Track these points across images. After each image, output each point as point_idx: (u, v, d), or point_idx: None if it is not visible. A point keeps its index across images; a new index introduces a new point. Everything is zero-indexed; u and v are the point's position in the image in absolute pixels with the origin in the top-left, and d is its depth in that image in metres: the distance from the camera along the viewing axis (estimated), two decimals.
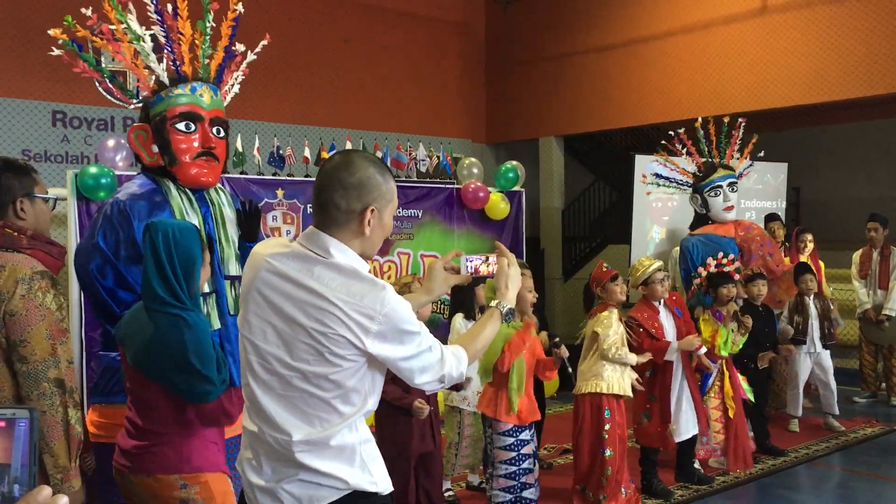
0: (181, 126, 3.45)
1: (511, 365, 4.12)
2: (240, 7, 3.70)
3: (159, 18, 3.49)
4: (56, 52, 3.50)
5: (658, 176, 7.30)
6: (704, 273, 5.82)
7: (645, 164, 9.46)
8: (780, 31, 9.64)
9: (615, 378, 4.75)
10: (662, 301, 5.24)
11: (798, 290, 6.66)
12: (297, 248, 2.03)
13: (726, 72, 10.20)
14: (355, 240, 2.04)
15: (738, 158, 7.16)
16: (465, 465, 5.26)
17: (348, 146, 7.48)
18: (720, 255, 5.95)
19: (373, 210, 2.02)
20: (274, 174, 7.12)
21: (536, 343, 4.39)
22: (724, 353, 5.41)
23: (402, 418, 4.24)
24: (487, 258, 2.38)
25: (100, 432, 3.28)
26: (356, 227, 2.02)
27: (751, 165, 7.56)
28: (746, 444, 5.64)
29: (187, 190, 3.49)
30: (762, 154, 7.45)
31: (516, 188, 8.25)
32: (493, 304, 2.30)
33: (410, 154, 7.98)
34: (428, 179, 8.08)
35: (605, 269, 4.95)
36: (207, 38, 3.61)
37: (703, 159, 7.04)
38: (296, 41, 10.95)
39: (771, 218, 8.05)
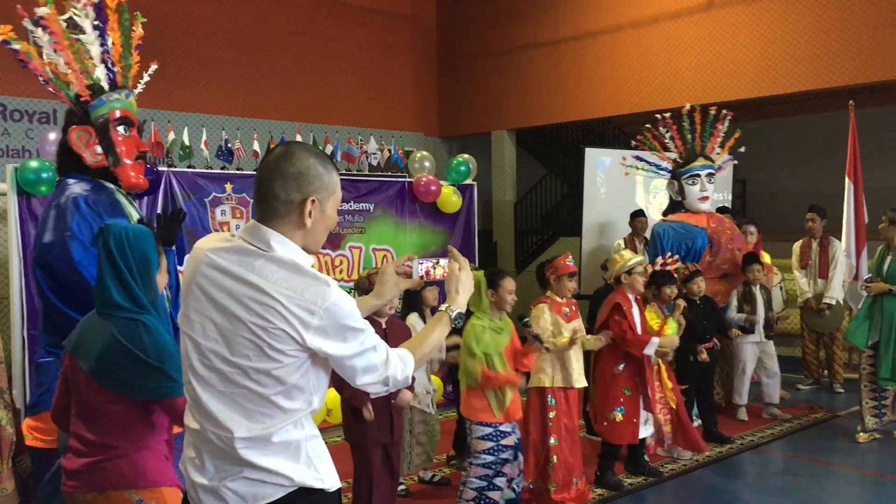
0: (121, 129, 3.62)
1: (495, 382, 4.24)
2: (139, 28, 3.86)
3: (101, 27, 3.64)
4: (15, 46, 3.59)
5: (639, 159, 7.37)
6: (650, 270, 5.90)
7: (595, 157, 9.58)
8: (725, 26, 9.81)
9: (557, 370, 4.83)
10: (634, 296, 5.31)
11: (745, 280, 6.77)
12: (238, 243, 2.00)
13: (674, 66, 10.34)
14: (297, 232, 2.00)
15: (718, 152, 7.27)
16: (419, 464, 5.23)
17: (298, 139, 7.40)
18: (668, 254, 6.03)
19: (314, 201, 1.99)
20: (222, 168, 7.01)
21: (514, 336, 4.48)
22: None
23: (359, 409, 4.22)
24: (438, 261, 2.34)
25: (46, 437, 3.23)
26: (297, 219, 1.99)
27: (731, 159, 7.64)
28: (692, 428, 5.74)
29: (122, 191, 3.65)
30: (743, 149, 7.58)
31: (468, 181, 8.27)
32: (442, 308, 2.27)
33: (361, 147, 7.93)
34: (379, 173, 8.05)
35: (567, 263, 4.97)
36: (129, 48, 3.78)
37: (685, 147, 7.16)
38: (244, 33, 10.80)
39: (721, 210, 8.19)
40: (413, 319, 5.26)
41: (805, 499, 5.06)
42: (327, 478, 2.03)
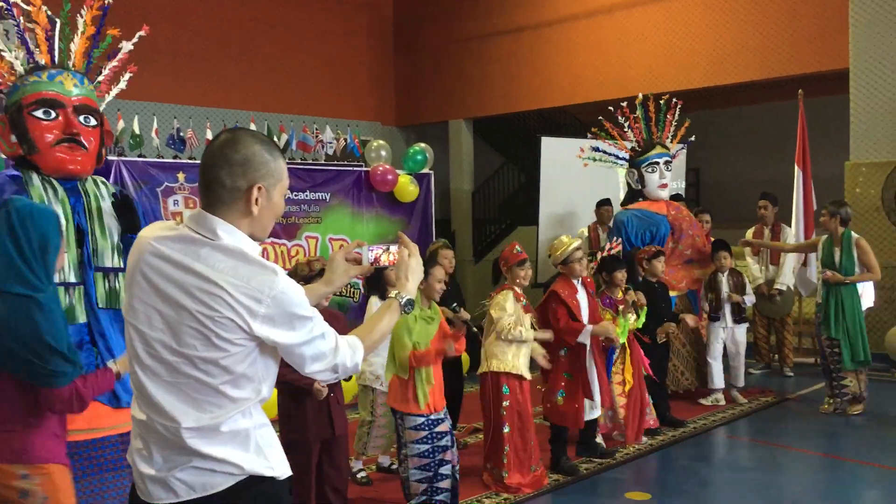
0: (39, 113, 3.37)
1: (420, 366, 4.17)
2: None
3: (7, 8, 3.41)
4: None
5: (596, 150, 7.43)
6: (598, 257, 5.97)
7: (552, 146, 9.64)
8: (679, 16, 9.93)
9: (509, 358, 4.86)
10: (580, 280, 5.35)
11: (714, 268, 6.85)
12: (183, 231, 1.97)
13: (629, 55, 10.44)
14: (243, 220, 1.98)
15: (671, 141, 7.38)
16: (378, 445, 5.26)
17: (252, 128, 7.31)
18: (615, 238, 6.11)
19: (260, 188, 1.97)
20: (174, 157, 6.90)
21: (442, 323, 4.44)
22: (623, 339, 5.56)
23: (298, 403, 4.19)
24: (388, 248, 2.34)
25: None
26: (243, 207, 1.97)
27: (682, 148, 7.73)
28: (643, 419, 5.82)
29: (53, 180, 3.38)
30: (693, 138, 7.67)
31: (425, 170, 8.25)
32: (392, 294, 2.27)
33: (317, 137, 7.87)
34: (335, 162, 8.00)
35: (515, 252, 4.99)
36: (66, 25, 3.54)
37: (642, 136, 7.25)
38: (197, 19, 10.62)
39: (675, 198, 8.30)
40: (374, 302, 5.25)
41: (758, 478, 5.18)
42: (277, 466, 2.02)
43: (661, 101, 7.30)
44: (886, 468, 5.26)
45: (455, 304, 4.46)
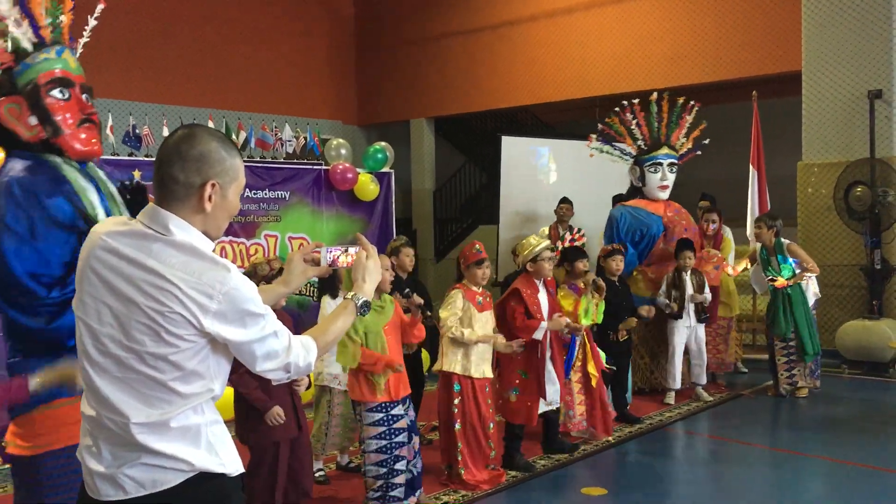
0: (56, 93, 3.19)
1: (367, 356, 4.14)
2: None
3: None
4: None
5: (604, 141, 7.48)
6: (560, 247, 6.00)
7: (512, 146, 9.70)
8: (636, 19, 10.06)
9: (458, 358, 4.89)
10: (543, 280, 5.37)
11: (676, 266, 6.94)
12: (135, 226, 1.96)
13: (588, 56, 10.54)
14: (196, 217, 1.97)
15: (683, 142, 7.45)
16: (336, 444, 5.25)
17: (210, 126, 7.24)
18: (576, 230, 6.17)
19: (214, 185, 1.96)
20: (130, 155, 6.82)
21: (397, 310, 4.42)
22: (587, 322, 5.63)
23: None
24: (347, 249, 2.34)
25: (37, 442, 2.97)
26: (196, 203, 1.96)
27: (696, 151, 7.76)
28: (608, 411, 5.90)
29: (73, 163, 3.21)
30: (707, 141, 7.74)
31: (385, 169, 8.25)
32: (348, 296, 2.27)
33: (276, 135, 7.82)
34: (295, 160, 7.96)
35: (474, 251, 4.99)
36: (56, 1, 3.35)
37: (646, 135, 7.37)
38: (153, 13, 10.48)
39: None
40: (327, 302, 5.24)
41: (713, 473, 5.29)
42: (229, 463, 2.01)
43: (678, 102, 7.39)
44: (836, 461, 5.39)
45: (407, 290, 4.43)
